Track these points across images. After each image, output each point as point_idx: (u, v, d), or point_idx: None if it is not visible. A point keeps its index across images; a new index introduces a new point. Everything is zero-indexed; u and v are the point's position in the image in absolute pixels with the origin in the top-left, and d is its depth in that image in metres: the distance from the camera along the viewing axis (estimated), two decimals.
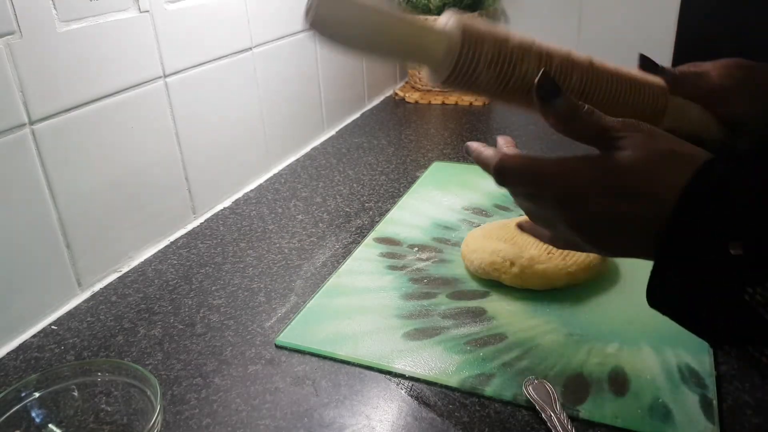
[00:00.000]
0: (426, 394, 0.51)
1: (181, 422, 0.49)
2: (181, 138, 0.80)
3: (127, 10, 0.69)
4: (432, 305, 0.62)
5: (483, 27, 0.41)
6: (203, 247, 0.77)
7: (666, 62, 1.32)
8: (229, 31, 0.86)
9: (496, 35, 0.41)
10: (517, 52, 0.41)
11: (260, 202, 0.88)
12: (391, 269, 0.69)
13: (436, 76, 0.42)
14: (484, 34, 0.41)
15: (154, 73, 0.74)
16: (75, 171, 0.65)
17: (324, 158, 1.04)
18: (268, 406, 0.51)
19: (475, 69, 0.40)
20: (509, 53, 0.41)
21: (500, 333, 0.57)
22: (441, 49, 0.40)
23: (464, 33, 0.40)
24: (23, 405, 0.47)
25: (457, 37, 0.40)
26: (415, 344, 0.56)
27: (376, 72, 1.33)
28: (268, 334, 0.60)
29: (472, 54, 0.40)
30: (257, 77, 0.93)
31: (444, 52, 0.40)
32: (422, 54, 0.41)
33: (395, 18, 0.40)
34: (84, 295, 0.68)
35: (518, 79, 0.41)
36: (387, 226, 0.78)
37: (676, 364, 0.52)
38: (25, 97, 0.59)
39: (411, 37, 0.40)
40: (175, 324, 0.62)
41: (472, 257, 0.65)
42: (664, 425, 0.46)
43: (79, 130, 0.65)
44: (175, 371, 0.55)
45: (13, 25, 0.57)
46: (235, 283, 0.68)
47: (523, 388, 0.49)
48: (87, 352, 0.59)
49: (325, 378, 0.53)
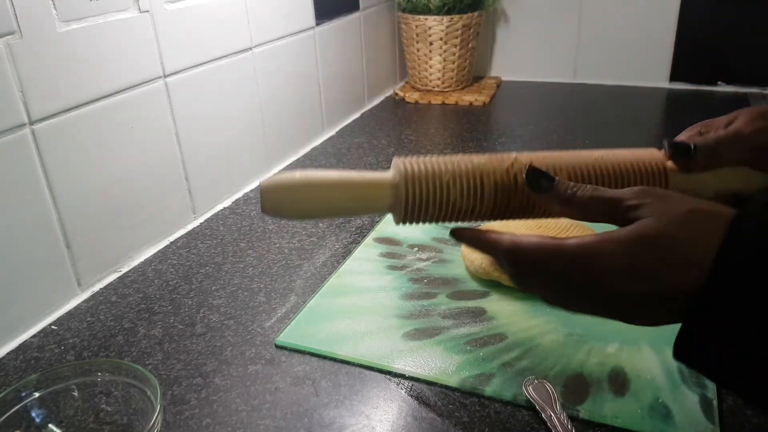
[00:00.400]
0: (426, 394, 0.51)
1: (181, 422, 0.49)
2: (181, 138, 0.80)
3: (127, 10, 0.69)
4: (432, 305, 0.62)
5: (422, 166, 0.42)
6: (203, 247, 0.77)
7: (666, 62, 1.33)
8: (229, 31, 0.86)
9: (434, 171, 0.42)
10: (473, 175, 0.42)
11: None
12: (391, 269, 0.69)
13: (394, 217, 0.44)
14: (425, 167, 0.42)
15: (154, 73, 0.74)
16: (75, 171, 0.65)
17: (324, 158, 1.04)
18: (268, 406, 0.51)
19: (426, 208, 0.42)
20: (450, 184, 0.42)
21: (500, 333, 0.57)
22: (387, 200, 0.43)
23: (405, 174, 0.42)
24: (23, 405, 0.47)
25: (399, 178, 0.42)
26: (415, 344, 0.56)
27: (376, 72, 1.33)
28: (268, 334, 0.60)
29: (416, 196, 0.42)
30: (257, 77, 0.93)
31: (390, 201, 0.43)
32: (374, 207, 0.43)
33: (337, 185, 0.42)
34: (84, 295, 0.68)
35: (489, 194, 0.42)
36: (387, 226, 0.78)
37: (676, 364, 0.52)
38: (25, 97, 0.59)
39: (358, 196, 0.43)
40: (175, 324, 0.62)
41: (473, 257, 0.65)
42: (664, 425, 0.46)
43: (79, 130, 0.65)
44: (175, 371, 0.55)
45: (13, 25, 0.57)
46: (235, 283, 0.68)
47: (523, 388, 0.49)
48: (87, 352, 0.59)
49: (325, 378, 0.53)
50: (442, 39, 1.30)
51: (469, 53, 1.34)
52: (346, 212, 0.45)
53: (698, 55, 1.29)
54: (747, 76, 1.26)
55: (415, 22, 1.30)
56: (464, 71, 1.36)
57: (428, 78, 1.36)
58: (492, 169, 0.42)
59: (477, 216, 0.43)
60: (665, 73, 1.32)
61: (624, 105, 1.26)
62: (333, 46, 1.13)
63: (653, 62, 1.32)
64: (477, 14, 1.29)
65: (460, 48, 1.31)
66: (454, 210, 0.42)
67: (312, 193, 0.42)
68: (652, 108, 1.24)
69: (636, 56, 1.33)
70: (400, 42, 1.40)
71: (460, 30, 1.29)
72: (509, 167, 0.42)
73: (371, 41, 1.29)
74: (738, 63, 1.26)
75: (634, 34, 1.31)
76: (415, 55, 1.35)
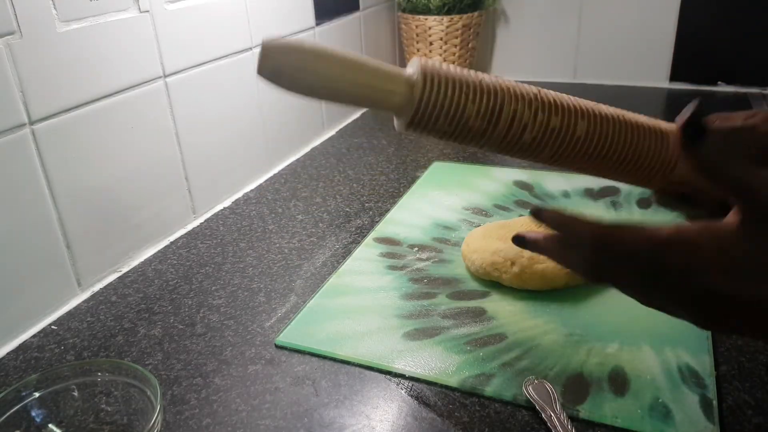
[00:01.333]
0: (426, 394, 0.51)
1: (181, 422, 0.49)
2: (181, 138, 0.80)
3: (127, 10, 0.69)
4: (432, 305, 0.62)
5: (444, 70, 0.38)
6: (203, 247, 0.77)
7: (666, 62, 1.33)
8: (229, 31, 0.86)
9: (455, 79, 0.38)
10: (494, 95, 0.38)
11: (260, 202, 0.88)
12: (391, 269, 0.69)
13: (400, 121, 0.39)
14: (448, 71, 0.38)
15: (154, 73, 0.74)
16: (75, 171, 0.66)
17: (324, 158, 1.04)
18: (268, 406, 0.51)
19: (438, 117, 0.38)
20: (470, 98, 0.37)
21: (500, 333, 0.57)
22: (399, 97, 0.38)
23: (425, 71, 0.37)
24: (23, 405, 0.47)
25: (418, 75, 0.37)
26: (415, 344, 0.56)
27: None
28: (268, 334, 0.60)
29: (432, 101, 0.37)
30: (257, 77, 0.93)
31: (402, 99, 0.38)
32: (382, 101, 0.38)
33: (349, 64, 0.38)
34: (84, 295, 0.68)
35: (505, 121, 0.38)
36: (387, 226, 0.78)
37: (676, 364, 0.52)
38: (25, 97, 0.59)
39: (368, 83, 0.38)
40: (175, 324, 0.62)
41: (473, 257, 0.65)
42: (664, 425, 0.46)
43: (79, 130, 0.65)
44: (175, 371, 0.55)
45: (13, 25, 0.57)
46: (235, 283, 0.68)
47: (523, 388, 0.49)
48: (87, 352, 0.59)
49: (325, 378, 0.53)
50: (442, 39, 1.30)
51: (469, 53, 1.34)
52: (350, 98, 0.39)
53: (698, 55, 1.29)
54: (747, 76, 1.26)
55: (415, 22, 1.30)
56: None
57: None
58: (514, 97, 0.38)
59: (483, 142, 0.39)
60: (665, 73, 1.32)
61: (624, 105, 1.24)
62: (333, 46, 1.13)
63: (653, 62, 1.32)
64: (477, 14, 1.29)
65: (460, 48, 1.31)
66: (465, 128, 0.38)
67: (318, 64, 0.37)
68: (652, 108, 1.24)
69: (636, 56, 1.33)
70: (400, 42, 1.40)
71: (460, 30, 1.29)
72: (532, 100, 0.38)
73: (371, 41, 1.29)
74: (738, 63, 1.26)
75: (634, 34, 1.31)
76: (415, 55, 1.35)
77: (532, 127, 0.38)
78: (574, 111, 0.39)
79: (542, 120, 0.38)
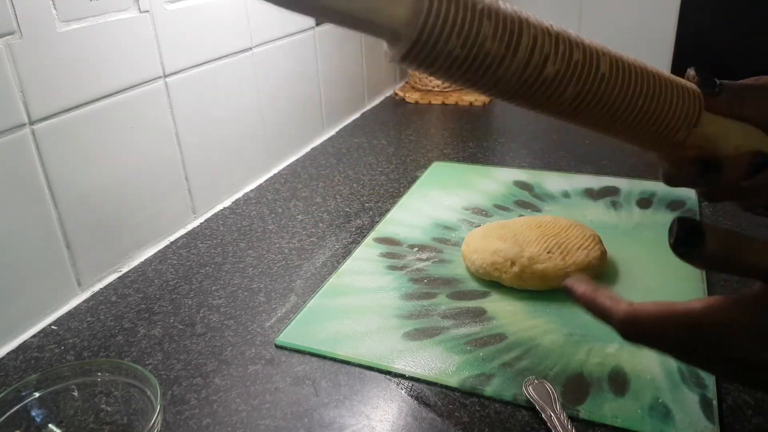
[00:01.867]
0: (426, 394, 0.51)
1: (181, 422, 0.49)
2: (181, 138, 0.80)
3: (127, 10, 0.69)
4: (432, 305, 0.62)
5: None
6: (203, 247, 0.77)
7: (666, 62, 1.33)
8: (229, 31, 0.86)
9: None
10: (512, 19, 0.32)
11: (260, 202, 0.88)
12: (391, 269, 0.69)
13: (400, 44, 0.32)
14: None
15: (154, 73, 0.74)
16: (75, 171, 0.66)
17: (324, 158, 1.04)
18: (268, 406, 0.51)
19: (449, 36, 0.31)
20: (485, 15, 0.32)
21: (500, 333, 0.57)
22: (402, 10, 0.31)
23: None
24: (23, 405, 0.47)
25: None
26: (415, 344, 0.56)
27: (376, 72, 1.33)
28: (268, 334, 0.60)
29: (441, 13, 0.31)
30: (257, 77, 0.93)
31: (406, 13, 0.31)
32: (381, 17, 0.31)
33: None
34: (84, 295, 0.68)
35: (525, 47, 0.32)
36: (387, 226, 0.78)
37: (676, 364, 0.52)
38: (25, 97, 0.59)
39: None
40: (175, 324, 0.62)
41: (474, 257, 0.65)
42: (664, 425, 0.46)
43: (79, 130, 0.65)
44: (175, 371, 0.55)
45: (13, 25, 0.57)
46: (235, 283, 0.68)
47: (523, 388, 0.49)
48: (87, 352, 0.59)
49: (325, 378, 0.53)
50: None
51: None
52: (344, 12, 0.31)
53: (698, 55, 1.29)
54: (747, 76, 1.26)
55: None
56: None
57: (428, 78, 1.36)
58: (532, 24, 0.33)
59: (500, 75, 0.33)
60: None
61: None
62: (333, 46, 1.13)
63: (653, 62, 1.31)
64: None
65: None
66: (479, 53, 0.32)
67: None
68: None
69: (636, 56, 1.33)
70: None
71: None
72: (550, 29, 0.33)
73: (371, 41, 1.29)
74: (738, 63, 1.26)
75: (634, 34, 1.31)
76: None
77: (554, 57, 0.33)
78: (594, 48, 0.35)
79: (564, 51, 0.33)
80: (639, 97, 0.36)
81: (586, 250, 0.63)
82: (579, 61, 0.34)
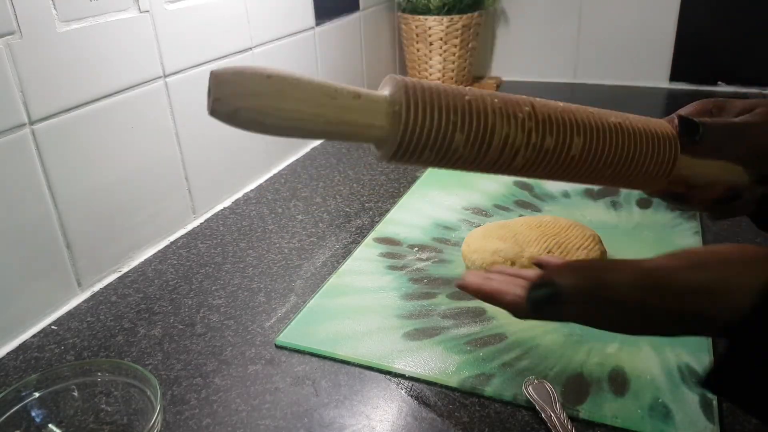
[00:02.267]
0: (426, 394, 0.51)
1: (181, 422, 0.49)
2: (181, 138, 0.80)
3: (127, 10, 0.69)
4: (432, 305, 0.62)
5: (428, 95, 0.33)
6: (203, 247, 0.77)
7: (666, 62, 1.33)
8: (229, 31, 0.86)
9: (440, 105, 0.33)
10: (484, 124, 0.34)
11: (260, 202, 0.88)
12: (391, 269, 0.69)
13: (381, 152, 0.35)
14: (431, 96, 0.33)
15: (154, 73, 0.74)
16: (75, 171, 0.65)
17: (324, 158, 1.04)
18: (268, 406, 0.51)
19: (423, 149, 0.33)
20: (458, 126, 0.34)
21: (500, 333, 0.57)
22: (379, 129, 0.33)
23: (407, 99, 0.33)
24: (23, 405, 0.47)
25: (400, 105, 0.33)
26: (415, 344, 0.56)
27: (376, 72, 1.33)
28: (268, 334, 0.60)
29: (416, 131, 0.33)
30: None
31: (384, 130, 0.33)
32: (360, 132, 0.33)
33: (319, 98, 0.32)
34: (84, 295, 0.68)
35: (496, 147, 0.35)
36: (387, 226, 0.78)
37: (676, 364, 0.52)
38: (25, 97, 0.59)
39: (342, 116, 0.33)
40: (175, 324, 0.62)
41: (474, 257, 0.65)
42: (664, 425, 0.46)
43: (79, 130, 0.65)
44: (175, 371, 0.55)
45: (13, 25, 0.57)
46: (235, 283, 0.68)
47: (523, 388, 0.49)
48: (87, 352, 0.59)
49: (325, 378, 0.53)
50: (441, 39, 1.29)
51: (469, 53, 1.34)
52: (324, 135, 0.33)
53: (698, 55, 1.29)
54: (747, 76, 1.26)
55: (415, 22, 1.30)
56: (464, 71, 1.36)
57: (428, 78, 1.36)
58: (506, 120, 0.35)
59: (472, 167, 0.36)
60: (665, 73, 1.32)
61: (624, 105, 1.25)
62: (333, 46, 1.13)
63: (653, 62, 1.32)
64: (477, 14, 1.29)
65: (459, 48, 1.31)
66: (452, 158, 0.35)
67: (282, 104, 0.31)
68: (652, 108, 1.24)
69: (636, 56, 1.33)
70: (400, 42, 1.40)
71: (460, 30, 1.29)
72: (525, 119, 0.35)
73: (371, 41, 1.29)
74: (738, 63, 1.26)
75: (634, 34, 1.31)
76: (415, 55, 1.35)
77: (525, 150, 0.35)
78: (569, 126, 0.36)
79: (536, 142, 0.35)
80: (610, 164, 0.38)
81: (586, 250, 0.63)
82: (550, 149, 0.36)
